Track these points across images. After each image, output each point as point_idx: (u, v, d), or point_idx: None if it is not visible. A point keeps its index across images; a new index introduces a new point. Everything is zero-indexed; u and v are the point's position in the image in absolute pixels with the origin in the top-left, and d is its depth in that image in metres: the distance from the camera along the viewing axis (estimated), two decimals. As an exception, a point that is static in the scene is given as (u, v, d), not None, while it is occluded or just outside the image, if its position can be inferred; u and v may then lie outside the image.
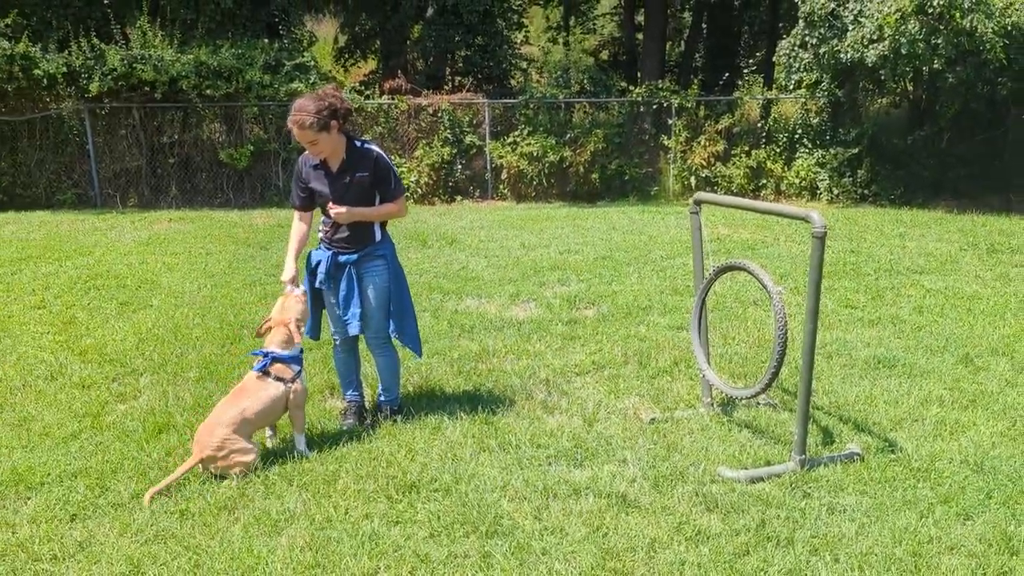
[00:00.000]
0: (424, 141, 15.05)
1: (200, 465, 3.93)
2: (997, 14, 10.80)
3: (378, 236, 4.49)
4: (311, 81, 14.70)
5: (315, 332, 4.67)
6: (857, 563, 3.27)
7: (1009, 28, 10.79)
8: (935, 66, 11.71)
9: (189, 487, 3.84)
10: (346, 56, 22.95)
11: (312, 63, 15.25)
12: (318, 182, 4.35)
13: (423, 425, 4.53)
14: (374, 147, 4.41)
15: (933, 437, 4.42)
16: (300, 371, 4.26)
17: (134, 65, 13.61)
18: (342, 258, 4.42)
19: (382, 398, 4.74)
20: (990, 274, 8.22)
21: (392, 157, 14.78)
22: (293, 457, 4.13)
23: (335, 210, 4.24)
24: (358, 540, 3.41)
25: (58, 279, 8.20)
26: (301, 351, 4.31)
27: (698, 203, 4.71)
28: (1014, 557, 3.32)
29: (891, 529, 3.51)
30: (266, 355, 4.20)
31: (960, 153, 14.26)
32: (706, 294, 4.67)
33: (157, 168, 14.73)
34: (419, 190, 14.68)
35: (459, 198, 15.06)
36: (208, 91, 13.92)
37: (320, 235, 4.51)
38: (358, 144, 4.37)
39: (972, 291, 7.49)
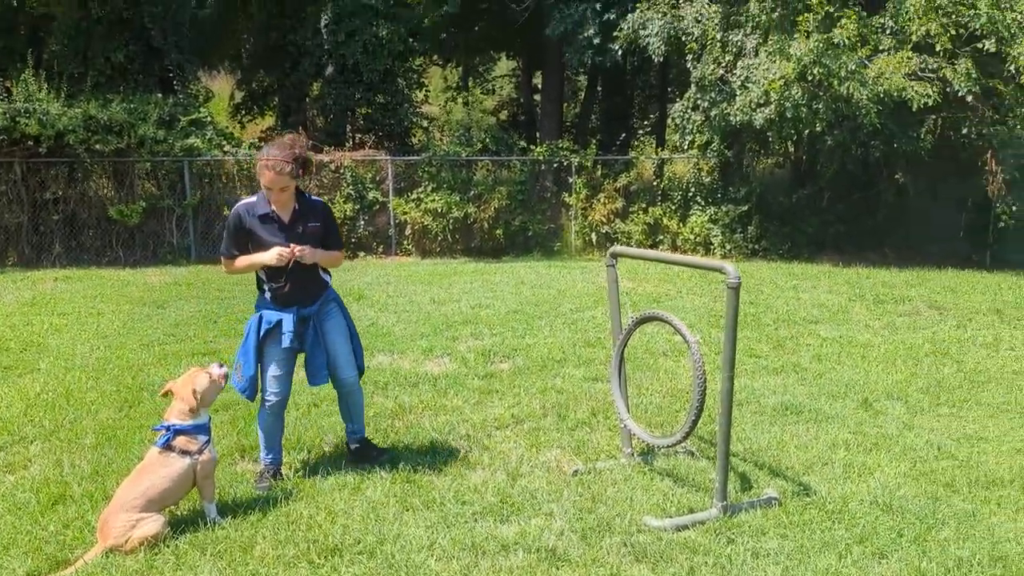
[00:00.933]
0: (326, 197, 14.87)
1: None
2: (871, 82, 11.63)
3: (328, 282, 4.56)
4: (207, 136, 14.42)
5: (253, 392, 4.46)
6: (785, 606, 3.32)
7: (881, 95, 11.63)
8: (816, 129, 12.47)
9: (91, 561, 3.57)
10: (243, 112, 22.61)
11: (208, 119, 14.97)
12: (267, 233, 4.29)
13: (342, 485, 4.38)
14: (318, 198, 4.51)
15: (843, 480, 4.57)
16: (208, 440, 4.01)
17: (17, 119, 13.00)
18: (304, 312, 4.41)
19: (359, 435, 4.76)
20: (878, 323, 8.68)
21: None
22: (205, 525, 3.91)
23: (300, 249, 4.22)
24: (281, 609, 3.24)
25: (-69, 342, 7.62)
26: (207, 422, 4.07)
27: (615, 256, 4.81)
28: (928, 593, 3.45)
29: (813, 571, 3.59)
30: (168, 428, 3.95)
31: (839, 211, 15.13)
32: (625, 345, 4.74)
33: (39, 225, 13.99)
34: (321, 247, 14.44)
35: (362, 254, 14.91)
36: (97, 146, 13.41)
37: (268, 295, 4.41)
38: (306, 195, 4.41)
39: (864, 339, 7.88)
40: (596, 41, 15.83)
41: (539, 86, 23.76)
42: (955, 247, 14.45)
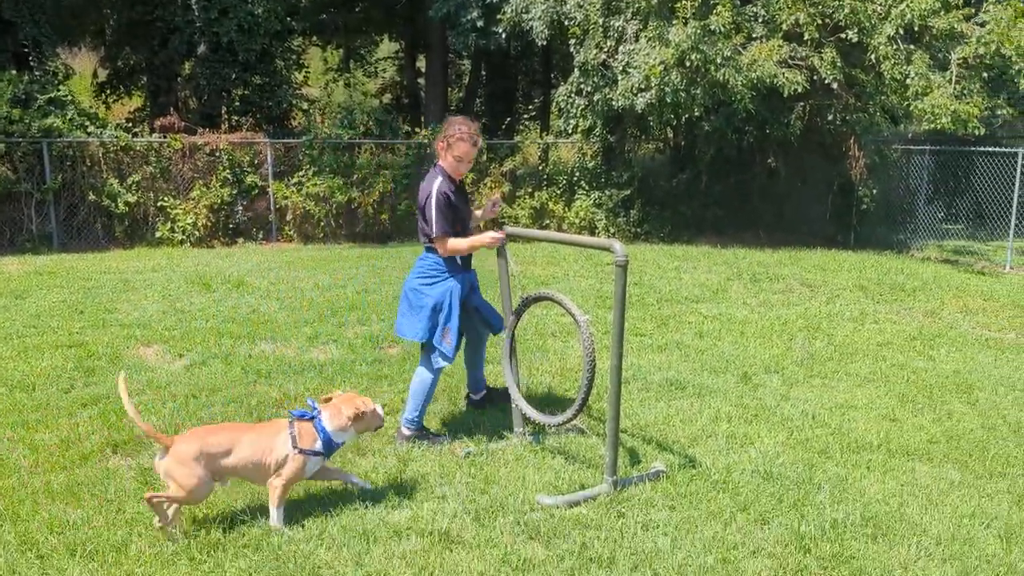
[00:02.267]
0: (201, 181, 14.25)
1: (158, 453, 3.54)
2: (745, 68, 12.05)
3: None
4: (68, 116, 13.51)
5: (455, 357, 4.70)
6: (675, 574, 3.39)
7: (755, 81, 12.08)
8: (695, 114, 12.84)
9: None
10: (108, 92, 21.36)
11: (69, 97, 14.02)
12: (462, 203, 4.72)
13: (224, 478, 4.18)
14: None
15: (726, 451, 4.72)
16: (316, 456, 3.73)
17: None
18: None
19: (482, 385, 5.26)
20: (755, 300, 9.04)
21: (165, 198, 13.88)
22: (72, 524, 3.65)
23: (499, 206, 5.04)
24: (159, 610, 3.06)
25: None
26: (338, 445, 3.84)
27: (508, 237, 4.78)
28: (808, 555, 3.59)
29: (701, 539, 3.68)
30: (315, 411, 3.79)
31: (716, 195, 15.66)
32: (516, 325, 4.72)
33: None
34: (196, 232, 13.85)
35: (241, 240, 14.37)
36: (-58, 125, 12.36)
37: (460, 260, 4.73)
38: None
39: (742, 316, 8.18)
40: (479, 24, 15.78)
41: (423, 69, 23.52)
42: (823, 228, 15.24)
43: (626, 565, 3.45)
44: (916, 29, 11.76)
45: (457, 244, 4.59)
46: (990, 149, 13.47)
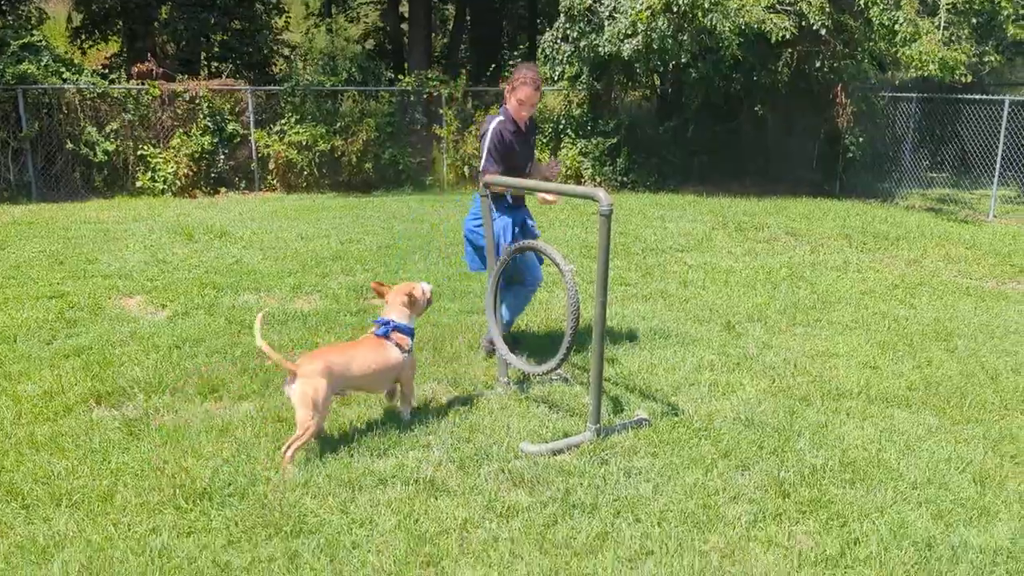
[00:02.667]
0: (181, 130, 14.02)
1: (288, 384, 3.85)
2: (732, 14, 11.89)
3: None
4: (43, 63, 13.20)
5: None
6: (657, 520, 3.44)
7: (743, 27, 11.92)
8: (682, 61, 12.68)
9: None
10: (83, 37, 20.82)
11: (43, 43, 13.69)
12: (517, 144, 4.94)
13: (209, 428, 4.20)
14: None
15: (708, 398, 4.77)
16: (411, 346, 4.28)
17: None
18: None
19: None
20: (739, 250, 9.06)
21: (145, 147, 13.66)
22: (57, 474, 3.66)
23: (559, 167, 5.05)
24: (146, 557, 3.09)
25: None
26: (413, 328, 4.34)
27: (487, 186, 4.74)
28: (786, 499, 3.65)
29: (682, 486, 3.73)
30: (387, 323, 4.20)
31: (703, 143, 15.56)
32: (500, 275, 4.71)
33: None
34: (178, 182, 13.68)
35: (223, 189, 14.21)
36: (-87, 71, 12.05)
37: (510, 199, 5.01)
38: None
39: (727, 266, 8.21)
40: (463, -33, 15.42)
41: (406, 14, 23.04)
42: (809, 176, 15.21)
43: (609, 511, 3.50)
44: (906, -27, 11.62)
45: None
46: (977, 97, 13.42)
